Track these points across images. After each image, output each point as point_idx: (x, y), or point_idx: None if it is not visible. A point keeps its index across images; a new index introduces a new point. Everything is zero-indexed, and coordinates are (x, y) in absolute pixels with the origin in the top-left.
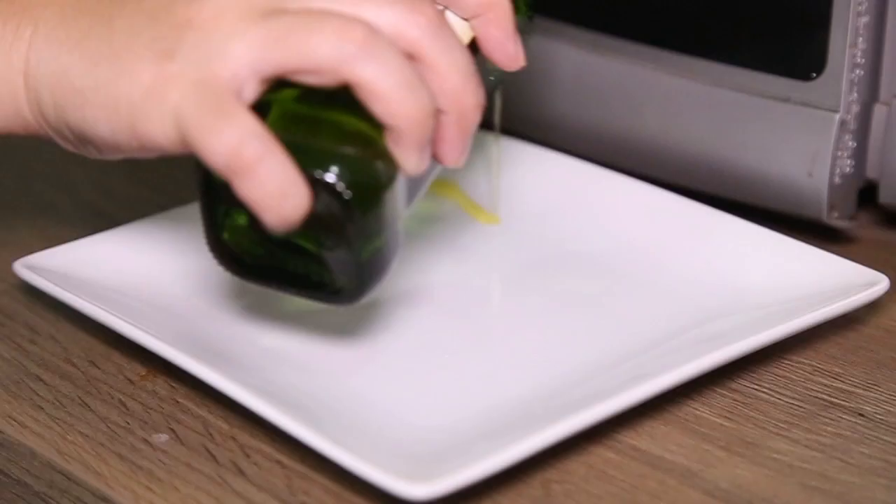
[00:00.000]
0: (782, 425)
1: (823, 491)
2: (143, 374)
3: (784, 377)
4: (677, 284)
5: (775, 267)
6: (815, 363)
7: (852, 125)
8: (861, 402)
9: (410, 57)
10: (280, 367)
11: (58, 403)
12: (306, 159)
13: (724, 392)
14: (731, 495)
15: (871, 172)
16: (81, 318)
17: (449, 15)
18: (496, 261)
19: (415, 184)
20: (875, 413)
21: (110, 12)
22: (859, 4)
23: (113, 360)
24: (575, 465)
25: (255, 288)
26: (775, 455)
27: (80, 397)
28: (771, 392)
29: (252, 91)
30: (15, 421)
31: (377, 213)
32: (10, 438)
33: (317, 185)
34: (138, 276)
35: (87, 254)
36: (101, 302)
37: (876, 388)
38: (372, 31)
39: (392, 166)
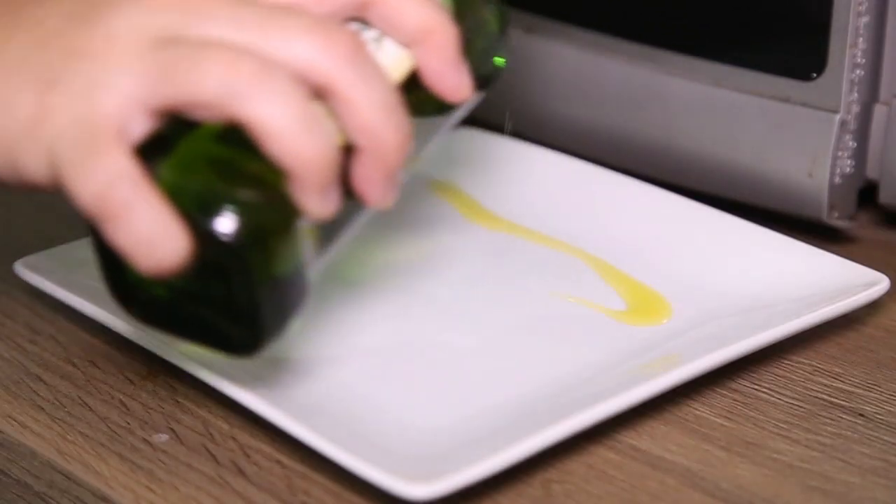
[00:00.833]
0: (782, 425)
1: (824, 491)
2: (144, 374)
3: (784, 377)
4: (677, 284)
5: (775, 267)
6: (815, 363)
7: (852, 125)
8: (861, 402)
9: (323, 91)
10: (280, 368)
11: (58, 403)
12: (190, 202)
13: (724, 392)
14: (732, 495)
15: (872, 172)
16: (81, 318)
17: (387, 43)
18: (496, 261)
19: (333, 227)
20: (875, 413)
21: (2, 36)
22: (859, 4)
23: (113, 360)
24: (575, 465)
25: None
26: (775, 455)
27: (80, 397)
28: (771, 392)
29: (141, 126)
30: (15, 421)
31: (268, 260)
32: (10, 438)
33: (200, 231)
34: None
35: (87, 254)
36: (102, 302)
37: (876, 388)
38: (265, 64)
39: (291, 210)
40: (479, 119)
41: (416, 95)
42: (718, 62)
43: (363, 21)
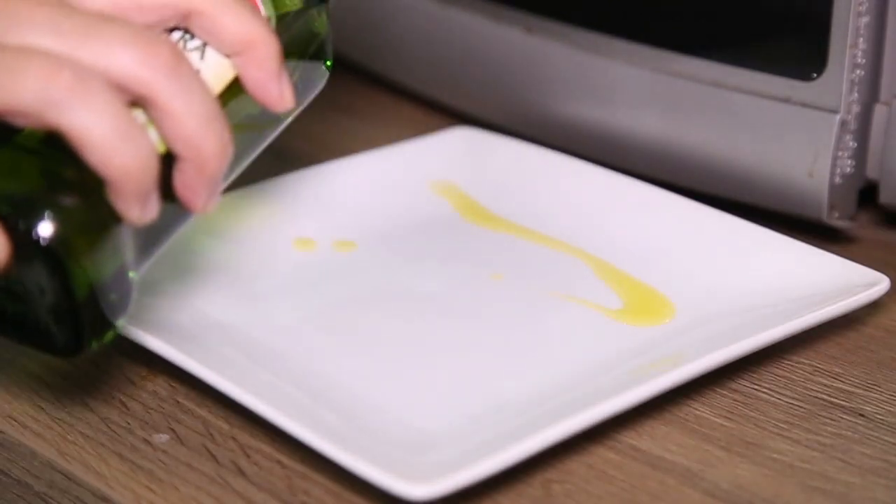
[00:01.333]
0: (782, 425)
1: (824, 491)
2: (144, 374)
3: (784, 377)
4: (677, 284)
5: (775, 267)
6: (815, 363)
7: (853, 125)
8: (861, 402)
9: (142, 100)
10: (280, 368)
11: (58, 403)
12: (9, 206)
13: (724, 392)
14: (732, 495)
15: (872, 172)
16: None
17: (209, 52)
18: (496, 260)
19: (158, 229)
20: (875, 413)
21: None
22: (860, 4)
23: (113, 361)
24: (575, 465)
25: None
26: (775, 455)
27: (80, 397)
28: (771, 392)
29: None
30: (15, 421)
31: (86, 263)
32: (10, 438)
33: (18, 233)
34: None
35: None
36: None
37: (876, 388)
38: (83, 73)
39: (109, 215)
40: (480, 119)
41: (240, 103)
42: (718, 62)
43: (187, 30)
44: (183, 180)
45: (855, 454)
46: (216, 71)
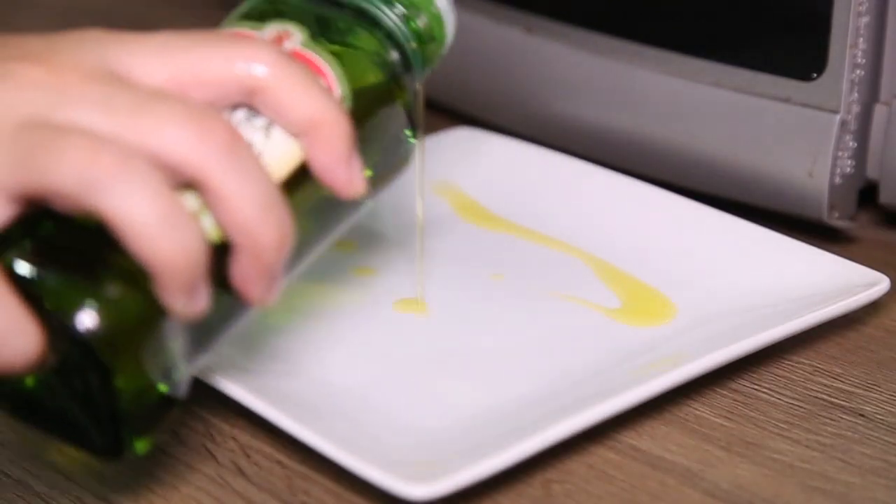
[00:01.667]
0: (782, 425)
1: (824, 491)
2: None
3: (784, 377)
4: (677, 284)
5: (775, 267)
6: (815, 363)
7: (853, 125)
8: (861, 402)
9: (194, 183)
10: (280, 368)
11: None
12: (45, 296)
13: (724, 392)
14: (732, 495)
15: (872, 172)
16: None
17: (275, 132)
18: (496, 261)
19: (211, 323)
20: (875, 413)
21: None
22: (860, 5)
23: None
24: (575, 465)
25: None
26: (776, 455)
27: None
28: (771, 392)
29: (1, 213)
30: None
31: (128, 360)
32: (10, 438)
33: (55, 326)
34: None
35: None
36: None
37: (876, 388)
38: (128, 154)
39: (155, 309)
40: (480, 119)
41: (311, 187)
42: (718, 62)
43: (253, 108)
44: (239, 270)
45: (855, 454)
46: (283, 153)
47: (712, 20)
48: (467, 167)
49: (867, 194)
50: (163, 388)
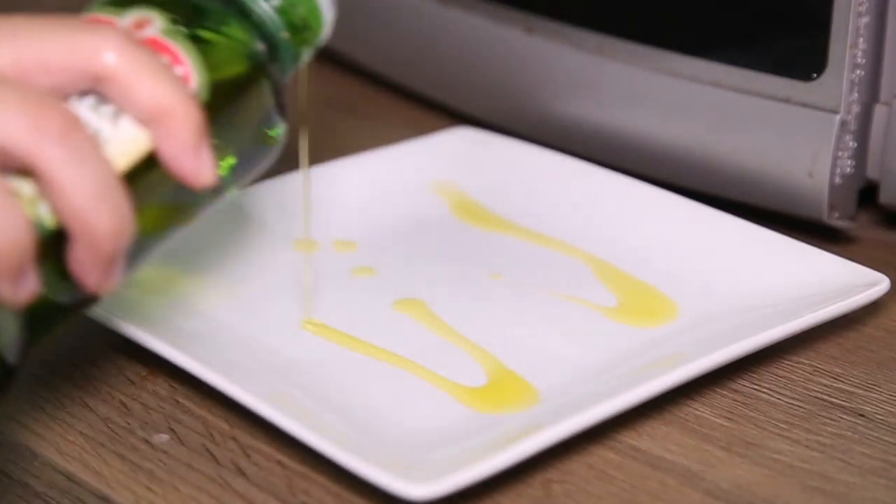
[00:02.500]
0: (782, 425)
1: (824, 491)
2: (144, 374)
3: (784, 377)
4: (677, 284)
5: (775, 267)
6: (815, 363)
7: (853, 125)
8: (861, 402)
9: (29, 170)
10: (280, 367)
11: (58, 403)
12: None
13: (724, 392)
14: (732, 496)
15: (872, 172)
16: (81, 317)
17: (124, 120)
18: (496, 260)
19: (48, 308)
20: (875, 413)
21: None
22: (860, 5)
23: (113, 361)
24: (575, 465)
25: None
26: (775, 455)
27: (80, 397)
28: (771, 392)
29: None
30: (15, 421)
31: None
32: (10, 439)
33: None
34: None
35: None
36: (102, 302)
37: (876, 388)
38: None
39: None
40: (480, 119)
41: (163, 177)
42: (718, 62)
43: (102, 95)
44: (74, 258)
45: (855, 454)
46: (129, 141)
47: (712, 20)
48: (467, 167)
49: (867, 194)
50: None
